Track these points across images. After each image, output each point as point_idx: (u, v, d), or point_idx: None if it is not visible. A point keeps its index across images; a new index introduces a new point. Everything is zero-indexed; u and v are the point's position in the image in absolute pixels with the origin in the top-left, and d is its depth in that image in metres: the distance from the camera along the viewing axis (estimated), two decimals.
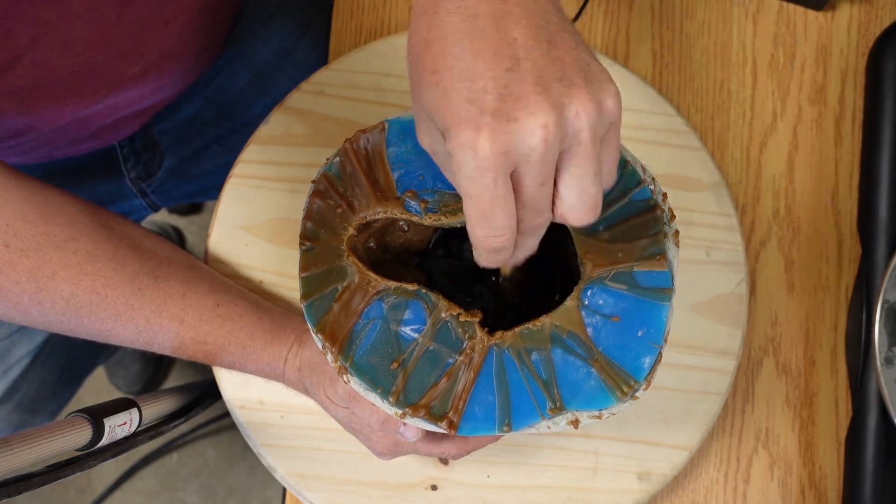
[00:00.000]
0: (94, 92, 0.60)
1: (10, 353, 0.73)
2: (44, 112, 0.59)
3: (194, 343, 0.52)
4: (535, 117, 0.31)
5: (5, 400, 0.74)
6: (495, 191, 0.33)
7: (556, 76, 0.32)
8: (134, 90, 0.63)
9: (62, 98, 0.58)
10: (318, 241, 0.45)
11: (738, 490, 0.58)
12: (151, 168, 0.74)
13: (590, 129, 0.32)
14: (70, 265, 0.48)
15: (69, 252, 0.48)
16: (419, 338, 0.43)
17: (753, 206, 0.61)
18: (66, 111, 0.60)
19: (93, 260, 0.49)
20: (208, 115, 0.73)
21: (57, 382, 0.79)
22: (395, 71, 0.61)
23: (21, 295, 0.48)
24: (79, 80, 0.58)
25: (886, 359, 0.53)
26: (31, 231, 0.48)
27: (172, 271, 0.52)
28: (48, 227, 0.48)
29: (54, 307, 0.49)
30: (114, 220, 0.53)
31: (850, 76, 0.63)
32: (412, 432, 0.46)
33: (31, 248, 0.48)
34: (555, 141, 0.32)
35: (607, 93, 0.33)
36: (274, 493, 1.35)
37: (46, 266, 0.48)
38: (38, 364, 0.75)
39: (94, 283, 0.49)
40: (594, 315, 0.42)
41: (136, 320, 0.50)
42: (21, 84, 0.54)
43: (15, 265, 0.47)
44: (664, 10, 0.64)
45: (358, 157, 0.45)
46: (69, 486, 1.36)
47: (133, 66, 0.61)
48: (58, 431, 0.44)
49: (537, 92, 0.31)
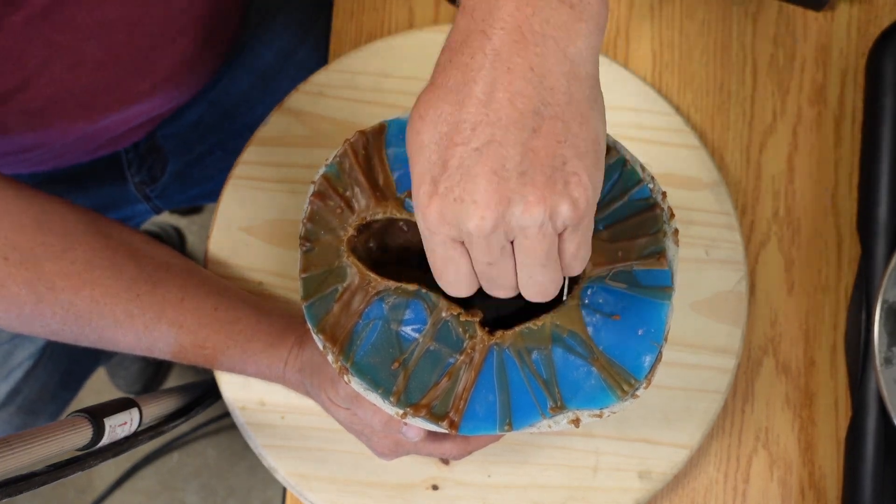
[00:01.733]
0: (105, 108, 0.61)
1: (13, 356, 0.73)
2: (54, 129, 0.59)
3: (194, 347, 0.52)
4: (475, 206, 0.31)
5: (7, 403, 0.74)
6: (444, 252, 0.34)
7: (520, 168, 0.31)
8: (144, 104, 0.64)
9: (73, 115, 0.59)
10: (318, 242, 0.45)
11: (737, 490, 0.58)
12: (155, 173, 0.75)
13: (536, 228, 0.32)
14: (68, 275, 0.49)
15: (67, 262, 0.49)
16: (420, 338, 0.43)
17: (753, 206, 0.61)
18: (76, 127, 0.61)
19: (91, 268, 0.49)
20: (211, 119, 0.74)
21: (58, 385, 0.79)
22: (395, 72, 0.61)
23: (22, 306, 0.48)
24: (90, 99, 0.58)
25: (886, 359, 0.54)
26: (28, 243, 0.48)
27: (170, 277, 0.52)
28: (45, 237, 0.48)
29: (55, 317, 0.49)
30: (112, 227, 0.53)
31: (849, 76, 0.63)
32: (414, 432, 0.46)
33: (29, 260, 0.48)
34: (493, 232, 0.32)
35: (567, 196, 0.32)
36: (274, 493, 1.35)
37: (45, 277, 0.48)
38: (40, 367, 0.75)
39: (92, 291, 0.49)
40: (594, 314, 0.42)
41: (136, 327, 0.50)
42: (33, 105, 0.55)
43: (14, 277, 0.47)
44: (664, 10, 0.64)
45: (357, 157, 0.45)
46: (69, 486, 1.36)
47: (143, 83, 0.61)
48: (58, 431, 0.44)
49: (491, 182, 0.31)
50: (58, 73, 0.54)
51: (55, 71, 0.53)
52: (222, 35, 0.69)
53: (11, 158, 0.63)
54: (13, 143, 0.59)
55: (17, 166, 0.65)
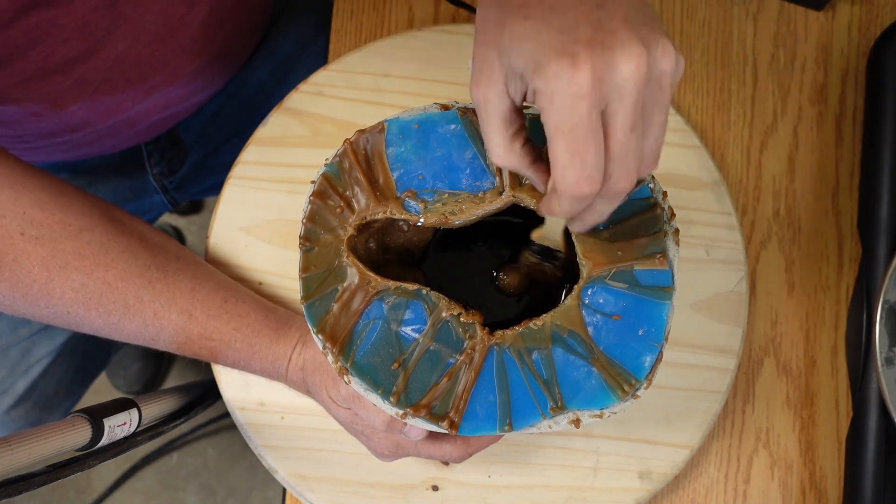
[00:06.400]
0: (153, 87, 0.61)
1: (31, 352, 0.74)
2: (103, 105, 0.59)
3: (200, 339, 0.52)
4: (628, 47, 0.31)
5: (25, 398, 0.74)
6: (591, 122, 0.32)
7: (640, 20, 0.32)
8: (187, 87, 0.65)
9: (122, 90, 0.59)
10: (318, 242, 0.45)
11: (738, 490, 0.58)
12: (175, 165, 0.76)
13: (670, 75, 0.32)
14: (84, 255, 0.48)
15: (83, 242, 0.48)
16: (420, 338, 0.43)
17: (754, 205, 0.61)
18: (123, 105, 0.61)
19: (106, 251, 0.49)
20: (230, 110, 0.75)
21: (72, 381, 0.79)
22: (394, 71, 0.61)
23: (31, 284, 0.48)
24: (141, 73, 0.59)
25: (887, 359, 0.53)
26: (47, 219, 0.48)
27: (181, 266, 0.52)
28: (64, 216, 0.48)
29: (63, 298, 0.48)
30: (124, 216, 0.53)
31: (850, 76, 0.63)
32: (417, 432, 0.46)
33: (46, 237, 0.47)
34: (645, 76, 0.32)
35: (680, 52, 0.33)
36: (274, 493, 1.35)
37: (60, 255, 0.48)
38: (57, 363, 0.76)
39: (106, 274, 0.49)
40: (595, 314, 0.42)
41: (145, 314, 0.50)
42: (92, 76, 0.55)
43: (29, 254, 0.47)
44: (664, 10, 0.64)
45: (357, 157, 0.45)
46: (69, 486, 1.36)
47: (191, 63, 0.62)
48: (58, 431, 0.44)
49: (628, 28, 0.32)
50: (120, 45, 0.54)
51: (118, 42, 0.53)
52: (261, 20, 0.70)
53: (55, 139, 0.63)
54: (63, 121, 0.60)
55: (52, 151, 0.65)
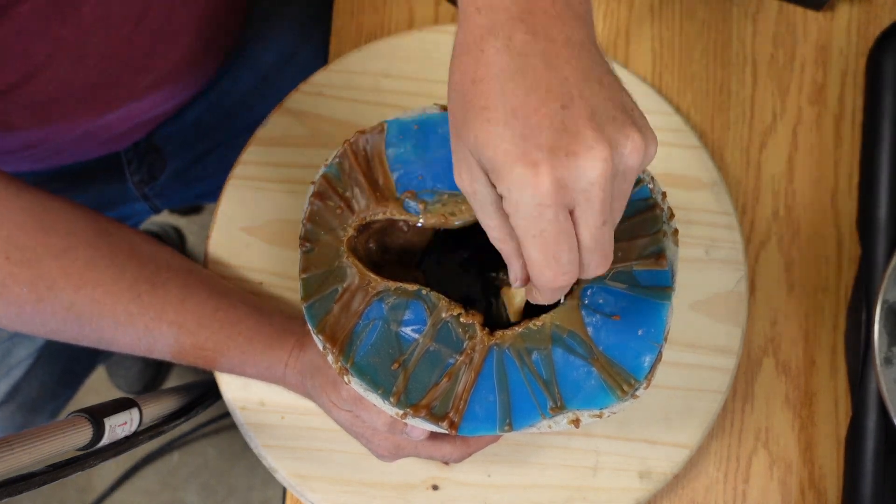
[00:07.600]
0: (108, 104, 0.61)
1: (12, 354, 0.73)
2: (58, 125, 0.59)
3: (193, 349, 0.52)
4: (594, 150, 0.30)
5: (7, 401, 0.74)
6: (559, 225, 0.32)
7: (608, 115, 0.32)
8: (146, 100, 0.64)
9: (76, 111, 0.59)
10: (318, 243, 0.45)
11: (737, 490, 0.58)
12: (154, 172, 0.75)
13: (636, 170, 0.32)
14: (70, 274, 0.49)
15: (68, 261, 0.49)
16: (420, 338, 0.43)
17: (753, 206, 0.61)
18: (79, 123, 0.61)
19: (92, 268, 0.49)
20: (212, 119, 0.74)
21: (57, 383, 0.79)
22: (394, 72, 0.61)
23: (23, 305, 0.48)
24: (92, 94, 0.58)
25: (886, 359, 0.54)
26: (30, 242, 0.48)
27: (171, 277, 0.52)
28: (47, 237, 0.48)
29: (55, 317, 0.49)
30: (113, 226, 0.53)
31: (849, 76, 0.63)
32: (419, 432, 0.46)
33: (31, 259, 0.48)
34: (612, 176, 0.31)
35: (652, 138, 0.33)
36: (274, 492, 1.35)
37: (46, 276, 0.48)
38: (40, 365, 0.75)
39: (93, 291, 0.49)
40: (594, 314, 0.42)
41: (136, 327, 0.50)
42: (37, 99, 0.55)
43: (16, 277, 0.47)
44: (664, 10, 0.64)
45: (357, 157, 0.45)
46: (69, 486, 1.36)
47: (145, 79, 0.61)
48: (58, 431, 0.44)
49: (594, 128, 0.31)
50: (62, 68, 0.54)
51: (60, 65, 0.53)
52: (224, 33, 0.69)
53: (16, 155, 0.63)
54: (18, 139, 0.59)
55: (20, 163, 0.65)
